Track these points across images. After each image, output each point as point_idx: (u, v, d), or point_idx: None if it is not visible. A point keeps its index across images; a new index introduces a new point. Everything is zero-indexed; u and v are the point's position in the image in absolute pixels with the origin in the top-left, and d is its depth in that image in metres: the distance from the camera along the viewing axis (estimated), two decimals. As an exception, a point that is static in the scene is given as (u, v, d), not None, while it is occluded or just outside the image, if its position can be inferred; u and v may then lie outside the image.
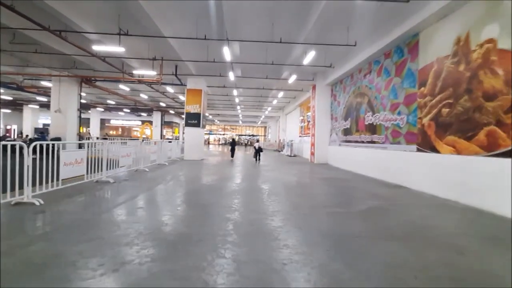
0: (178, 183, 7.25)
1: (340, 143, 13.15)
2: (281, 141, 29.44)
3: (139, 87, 18.65)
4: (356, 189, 7.18)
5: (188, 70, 13.71)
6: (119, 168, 7.63)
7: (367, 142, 10.24)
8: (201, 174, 9.36)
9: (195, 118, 14.62)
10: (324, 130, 14.76)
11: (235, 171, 10.36)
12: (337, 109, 13.75)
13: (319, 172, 10.60)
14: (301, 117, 23.18)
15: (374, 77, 9.82)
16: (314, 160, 14.83)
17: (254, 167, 11.86)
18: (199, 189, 6.56)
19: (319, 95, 14.84)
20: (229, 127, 54.43)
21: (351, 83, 11.96)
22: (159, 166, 10.52)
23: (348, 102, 12.21)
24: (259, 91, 19.05)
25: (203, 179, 8.11)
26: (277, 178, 8.60)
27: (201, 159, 14.76)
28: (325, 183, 8.02)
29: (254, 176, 8.92)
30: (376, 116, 9.58)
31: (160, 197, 5.53)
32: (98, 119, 32.01)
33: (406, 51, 8.03)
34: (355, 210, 4.78)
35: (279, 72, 14.05)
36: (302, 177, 9.39)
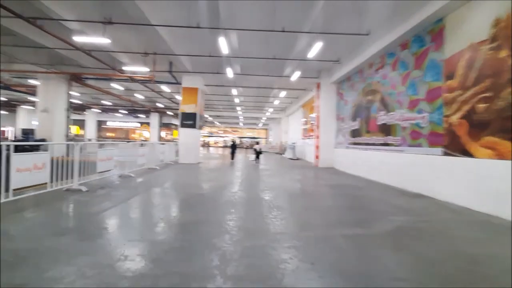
0: (163, 193, 6.21)
1: (347, 146, 12.08)
2: (283, 144, 28.38)
3: (133, 86, 17.70)
4: (372, 200, 6.10)
5: (183, 67, 12.74)
6: (97, 174, 6.61)
7: (379, 145, 9.17)
8: (194, 180, 8.32)
9: (191, 118, 13.60)
10: (330, 131, 13.70)
11: (233, 176, 9.32)
12: (344, 108, 12.70)
13: (326, 178, 9.53)
14: (304, 119, 22.14)
15: (388, 71, 8.77)
16: (319, 163, 13.75)
17: (254, 172, 10.81)
18: (187, 200, 5.51)
19: (324, 94, 13.80)
20: (230, 129, 53.46)
21: (361, 79, 10.91)
22: (148, 171, 9.49)
23: (357, 101, 11.16)
24: (260, 90, 18.06)
25: (195, 187, 7.07)
26: (280, 185, 7.55)
27: (197, 163, 13.73)
28: (334, 192, 6.96)
29: (253, 183, 7.87)
30: (390, 115, 8.52)
31: (134, 213, 4.48)
32: (94, 121, 31.10)
33: (428, 39, 6.99)
34: (379, 231, 3.71)
35: (281, 69, 13.04)
36: (307, 184, 8.33)
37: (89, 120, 30.37)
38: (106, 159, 6.96)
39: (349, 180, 9.02)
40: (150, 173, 9.10)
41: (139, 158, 9.03)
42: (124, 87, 17.86)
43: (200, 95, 13.84)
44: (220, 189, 6.71)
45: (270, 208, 4.86)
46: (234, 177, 9.16)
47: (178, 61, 12.11)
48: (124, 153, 8.17)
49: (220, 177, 9.07)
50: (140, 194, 5.80)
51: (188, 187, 7.02)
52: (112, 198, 5.29)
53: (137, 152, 9.09)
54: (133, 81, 13.60)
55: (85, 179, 6.28)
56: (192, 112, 13.60)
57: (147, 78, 12.52)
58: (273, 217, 4.30)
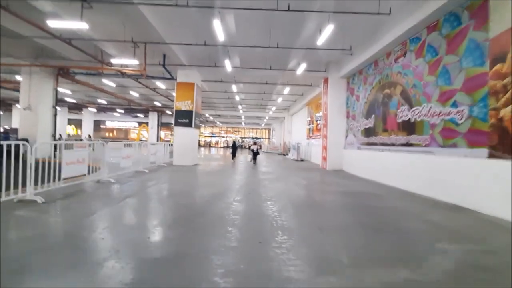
0: (138, 206, 5.03)
1: (359, 146, 10.83)
2: (286, 144, 27.12)
3: (126, 83, 16.58)
4: (401, 214, 4.86)
5: (178, 60, 11.58)
6: (65, 180, 5.46)
7: (400, 145, 7.91)
8: (185, 186, 7.14)
9: (186, 116, 12.44)
10: (339, 130, 12.45)
11: (231, 181, 8.13)
12: (355, 105, 11.44)
13: (337, 183, 8.29)
14: (309, 118, 20.89)
15: (411, 59, 7.52)
16: (327, 165, 12.51)
17: (255, 175, 9.61)
18: (167, 217, 4.33)
19: (332, 90, 12.56)
20: (231, 129, 52.31)
21: (375, 71, 9.66)
22: (134, 175, 8.35)
23: (371, 96, 9.91)
24: (262, 87, 16.84)
25: (183, 197, 5.89)
26: (284, 193, 6.34)
27: (193, 165, 12.57)
28: (350, 202, 5.72)
29: (253, 190, 6.66)
30: (415, 111, 7.26)
31: (89, 235, 3.30)
32: (91, 120, 30.08)
33: (466, 16, 5.74)
34: (437, 275, 2.49)
35: (285, 61, 11.83)
36: (316, 191, 7.11)
37: (86, 120, 29.38)
38: (76, 162, 5.81)
39: (364, 186, 7.78)
40: (135, 177, 7.95)
41: (122, 161, 7.87)
42: (117, 83, 16.76)
43: (197, 91, 12.68)
44: (213, 199, 5.52)
45: (273, 230, 3.66)
46: (233, 181, 7.97)
47: (172, 53, 10.95)
48: (101, 155, 7.00)
49: (217, 182, 7.89)
50: (109, 206, 4.63)
51: (175, 196, 5.84)
52: (67, 213, 4.13)
53: (120, 153, 7.93)
54: (124, 75, 12.48)
55: (48, 187, 5.16)
56: (188, 110, 12.43)
57: (138, 72, 11.38)
58: (277, 245, 3.09)
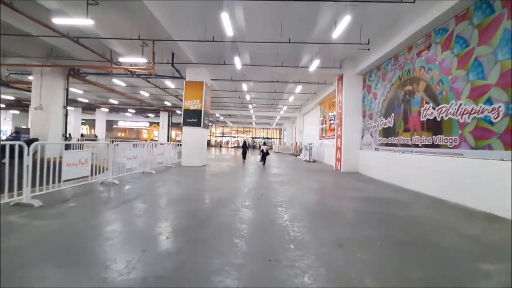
0: (138, 211, 4.68)
1: (377, 147, 10.17)
2: (298, 145, 26.50)
3: (136, 83, 16.52)
4: (433, 227, 4.28)
5: (186, 58, 11.28)
6: (63, 183, 5.21)
7: (424, 146, 7.26)
8: (190, 189, 6.78)
9: (195, 116, 12.14)
10: (354, 130, 11.81)
11: (239, 184, 7.72)
12: (372, 103, 10.78)
13: (353, 187, 7.71)
14: (322, 117, 20.23)
15: (437, 52, 6.86)
16: (341, 167, 11.90)
17: (266, 178, 9.16)
18: (168, 225, 3.96)
19: (347, 87, 11.93)
20: (242, 129, 52.05)
21: (395, 67, 9.00)
22: (140, 176, 8.09)
23: (391, 93, 9.25)
24: (273, 85, 16.34)
25: (187, 201, 5.52)
26: (296, 198, 5.86)
27: (202, 166, 12.26)
28: (372, 210, 5.17)
29: (263, 195, 6.22)
30: (441, 109, 6.60)
31: (76, 248, 2.96)
32: (104, 120, 30.53)
33: (499, 5, 5.09)
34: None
35: (297, 57, 11.32)
36: (332, 196, 6.58)
37: (99, 120, 29.84)
38: (78, 163, 5.55)
39: (384, 191, 7.18)
40: (141, 179, 7.68)
41: (128, 161, 7.61)
42: (127, 83, 16.73)
43: (206, 90, 12.36)
44: (220, 204, 5.11)
45: (284, 243, 3.21)
46: (242, 184, 7.55)
47: (180, 51, 10.66)
48: (106, 155, 6.75)
49: (225, 184, 7.50)
50: (106, 212, 4.31)
51: (178, 201, 5.47)
52: (60, 220, 3.82)
53: (127, 154, 7.68)
54: (132, 74, 12.34)
55: (48, 189, 4.92)
56: (197, 109, 12.13)
57: (146, 71, 11.17)
58: (290, 264, 2.64)
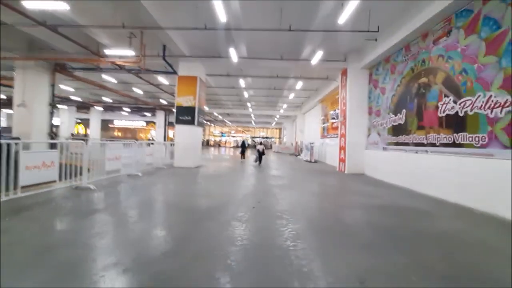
0: (103, 227, 3.83)
1: (385, 147, 9.32)
2: (298, 144, 25.64)
3: (127, 78, 15.61)
4: (477, 248, 3.43)
5: (178, 51, 10.43)
6: (20, 190, 4.36)
7: (442, 145, 6.41)
8: (176, 196, 5.93)
9: (188, 113, 11.28)
10: (359, 129, 10.96)
11: (234, 188, 6.87)
12: (379, 99, 9.93)
13: (363, 192, 6.85)
14: (323, 116, 19.38)
15: (459, 38, 6.01)
16: (345, 168, 11.05)
17: (264, 181, 8.31)
18: (134, 250, 3.11)
19: (352, 82, 11.08)
20: (241, 128, 51.24)
21: (407, 58, 8.15)
22: (123, 179, 7.23)
23: (401, 87, 8.40)
24: (272, 81, 15.49)
25: (169, 212, 4.67)
26: (299, 207, 5.01)
27: (196, 167, 11.41)
28: (393, 224, 4.31)
29: (260, 202, 5.37)
30: (465, 102, 5.75)
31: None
32: (98, 120, 29.61)
33: (549, -28, 4.24)
34: None
35: (298, 49, 10.45)
36: (341, 205, 5.71)
37: (93, 119, 28.94)
38: (41, 166, 4.70)
39: (398, 197, 6.33)
40: (124, 183, 6.82)
41: (108, 163, 6.75)
42: (118, 79, 15.84)
43: (200, 86, 11.50)
44: (207, 216, 4.26)
45: (286, 278, 2.36)
46: (237, 188, 6.71)
47: (172, 43, 9.79)
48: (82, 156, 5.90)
49: (217, 189, 6.66)
50: (62, 227, 3.46)
51: (156, 212, 4.61)
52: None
53: (108, 155, 6.82)
54: (121, 69, 11.47)
55: (8, 196, 4.09)
56: (190, 106, 11.28)
57: (135, 65, 10.30)
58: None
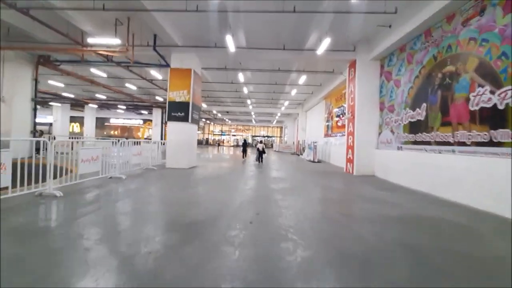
0: (47, 256, 2.89)
1: (400, 146, 8.35)
2: (300, 143, 24.66)
3: (118, 73, 14.60)
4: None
5: (171, 40, 9.46)
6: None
7: (475, 144, 5.43)
8: (155, 206, 4.97)
9: (182, 109, 10.32)
10: (369, 126, 9.98)
11: (229, 194, 5.91)
12: (393, 93, 8.95)
13: (379, 198, 5.87)
14: (327, 114, 18.40)
15: (496, 17, 5.02)
16: (353, 170, 10.08)
17: (265, 184, 7.35)
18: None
19: (361, 75, 10.09)
20: (242, 127, 50.26)
21: (427, 44, 7.16)
22: (103, 183, 6.29)
23: (421, 78, 7.41)
24: (273, 76, 14.49)
25: (135, 231, 3.70)
26: (308, 222, 4.04)
27: (190, 168, 10.47)
28: (432, 246, 3.32)
29: (259, 214, 4.41)
30: (506, 93, 4.77)
31: None
32: (93, 117, 28.66)
33: None
34: None
35: (303, 37, 9.45)
36: (358, 217, 4.71)
37: (88, 117, 28.00)
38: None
39: (420, 204, 5.35)
40: (100, 187, 5.87)
41: (81, 165, 5.78)
42: (108, 73, 14.84)
43: (195, 79, 10.53)
44: (190, 237, 3.30)
45: None
46: (233, 194, 5.75)
47: (163, 31, 8.81)
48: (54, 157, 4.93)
49: (210, 196, 5.70)
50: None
51: (123, 231, 3.64)
52: None
53: (84, 156, 5.85)
54: (109, 60, 10.50)
55: None
56: (184, 101, 10.32)
57: (121, 54, 9.33)
58: None
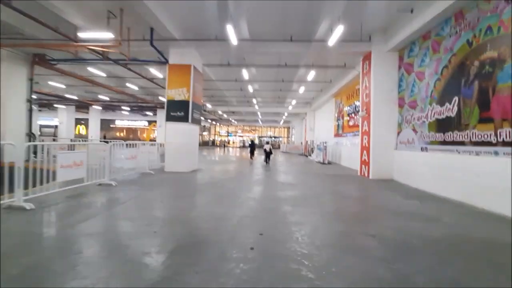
0: None
1: (424, 146, 7.36)
2: (309, 144, 23.65)
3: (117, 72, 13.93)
4: None
5: (168, 34, 8.73)
6: None
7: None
8: (140, 223, 4.17)
9: (181, 108, 9.56)
10: (387, 125, 9.01)
11: (228, 206, 5.10)
12: (414, 87, 7.96)
13: (407, 210, 4.94)
14: (337, 113, 17.39)
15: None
16: (369, 173, 9.11)
17: (270, 192, 6.51)
18: None
19: (377, 68, 9.12)
20: (248, 127, 49.53)
21: (458, 29, 6.17)
22: (88, 191, 5.57)
23: (451, 68, 6.42)
24: (280, 72, 13.57)
25: (109, 262, 2.93)
26: (327, 245, 3.17)
27: (191, 171, 9.71)
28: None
29: (263, 235, 3.57)
30: None
31: None
32: (98, 119, 28.35)
33: None
34: None
35: (312, 26, 8.56)
36: (390, 238, 3.77)
37: (92, 118, 27.71)
38: None
39: (462, 218, 4.40)
40: (82, 197, 5.15)
41: (64, 171, 5.06)
42: (107, 72, 14.21)
43: (195, 76, 9.78)
44: (163, 278, 2.50)
45: None
46: (233, 205, 4.93)
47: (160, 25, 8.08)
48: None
49: (205, 208, 4.90)
50: None
51: (75, 267, 2.88)
52: None
53: (63, 161, 5.14)
54: (104, 57, 9.84)
55: None
56: (184, 100, 9.56)
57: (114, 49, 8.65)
58: None
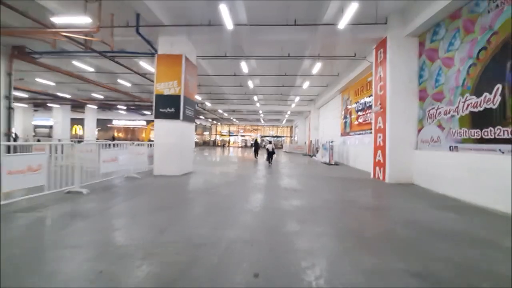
0: None
1: (454, 145, 6.22)
2: (313, 143, 22.51)
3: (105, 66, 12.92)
4: None
5: (156, 20, 7.68)
6: None
7: None
8: (95, 253, 3.12)
9: (171, 104, 8.50)
10: (406, 121, 7.88)
11: (220, 220, 4.03)
12: (440, 76, 6.82)
13: (447, 227, 3.83)
14: (344, 110, 16.25)
15: None
16: (385, 176, 8.00)
17: (272, 201, 5.43)
18: None
19: (394, 56, 7.98)
20: (250, 127, 48.45)
21: (501, 1, 5.04)
22: (54, 200, 4.53)
23: (490, 50, 5.28)
24: (282, 64, 12.43)
25: None
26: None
27: (183, 174, 8.67)
28: None
29: (260, 273, 2.49)
30: None
31: None
32: (94, 119, 27.46)
33: None
34: None
35: (319, 10, 7.48)
36: (441, 278, 2.67)
37: (88, 118, 26.82)
38: None
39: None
40: (38, 210, 4.11)
41: (7, 178, 4.02)
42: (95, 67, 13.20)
43: (187, 68, 8.72)
44: None
45: None
46: (224, 221, 3.85)
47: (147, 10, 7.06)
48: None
49: (191, 224, 3.82)
50: None
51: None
52: None
53: (11, 164, 4.11)
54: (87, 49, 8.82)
55: None
56: (174, 94, 8.50)
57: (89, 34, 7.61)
58: None
